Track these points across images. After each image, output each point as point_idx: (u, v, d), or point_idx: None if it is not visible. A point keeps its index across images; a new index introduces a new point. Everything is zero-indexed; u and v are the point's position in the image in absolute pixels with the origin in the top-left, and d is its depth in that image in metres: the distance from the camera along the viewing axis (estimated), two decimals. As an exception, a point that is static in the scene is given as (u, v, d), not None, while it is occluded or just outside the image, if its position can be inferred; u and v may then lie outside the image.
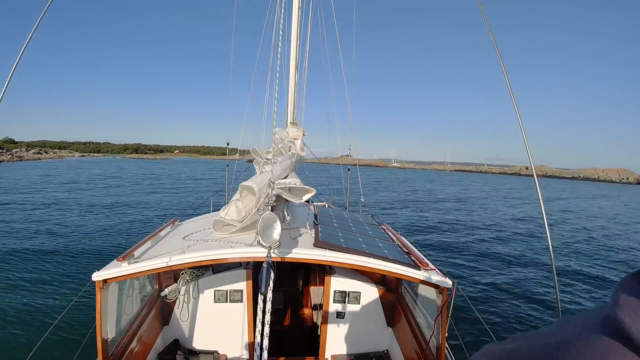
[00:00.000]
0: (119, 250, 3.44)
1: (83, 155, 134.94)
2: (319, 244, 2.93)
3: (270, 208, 2.63)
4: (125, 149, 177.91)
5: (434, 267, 2.97)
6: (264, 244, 2.31)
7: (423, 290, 3.49)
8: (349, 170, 9.14)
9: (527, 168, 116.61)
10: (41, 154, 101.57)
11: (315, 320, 4.81)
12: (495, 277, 10.00)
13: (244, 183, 2.93)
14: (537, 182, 2.35)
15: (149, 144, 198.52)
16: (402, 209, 23.09)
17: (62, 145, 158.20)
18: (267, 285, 2.03)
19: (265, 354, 1.81)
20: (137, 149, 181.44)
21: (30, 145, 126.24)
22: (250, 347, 3.84)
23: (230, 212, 3.09)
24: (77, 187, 29.66)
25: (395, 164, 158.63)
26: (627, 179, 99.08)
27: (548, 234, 2.26)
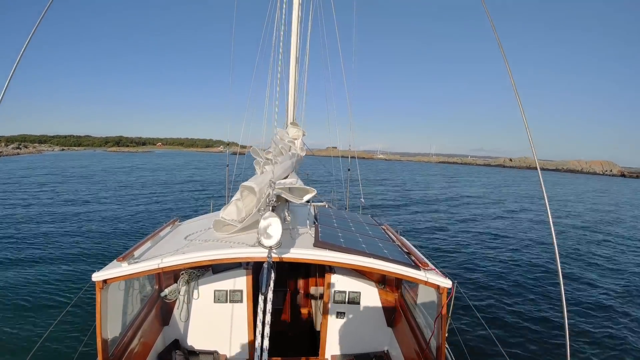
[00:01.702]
0: (119, 250, 3.41)
1: (63, 149, 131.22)
2: (319, 244, 2.94)
3: (271, 208, 2.63)
4: (106, 142, 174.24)
5: (434, 267, 2.97)
6: (264, 244, 2.32)
7: (423, 290, 3.49)
8: (349, 170, 9.08)
9: (510, 160, 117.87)
10: (20, 148, 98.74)
11: (314, 320, 4.83)
12: (495, 277, 9.96)
13: (245, 183, 2.93)
14: (542, 183, 2.33)
15: (131, 137, 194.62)
16: (399, 207, 22.84)
17: (42, 139, 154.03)
18: (268, 285, 2.02)
19: (265, 355, 1.81)
20: (119, 141, 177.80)
21: (9, 140, 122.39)
22: (250, 347, 3.84)
23: (231, 212, 3.08)
24: (74, 186, 28.73)
25: (381, 156, 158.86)
26: (611, 171, 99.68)
27: (553, 231, 2.23)
